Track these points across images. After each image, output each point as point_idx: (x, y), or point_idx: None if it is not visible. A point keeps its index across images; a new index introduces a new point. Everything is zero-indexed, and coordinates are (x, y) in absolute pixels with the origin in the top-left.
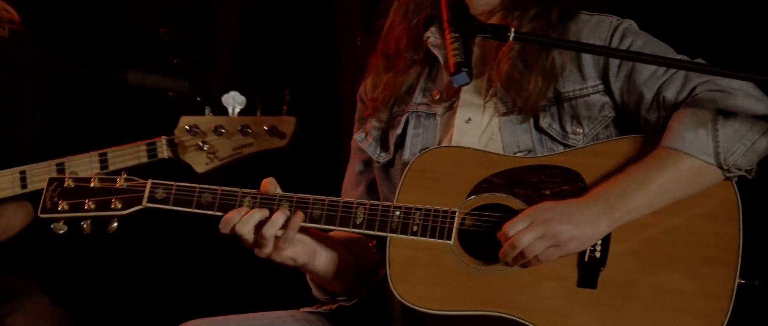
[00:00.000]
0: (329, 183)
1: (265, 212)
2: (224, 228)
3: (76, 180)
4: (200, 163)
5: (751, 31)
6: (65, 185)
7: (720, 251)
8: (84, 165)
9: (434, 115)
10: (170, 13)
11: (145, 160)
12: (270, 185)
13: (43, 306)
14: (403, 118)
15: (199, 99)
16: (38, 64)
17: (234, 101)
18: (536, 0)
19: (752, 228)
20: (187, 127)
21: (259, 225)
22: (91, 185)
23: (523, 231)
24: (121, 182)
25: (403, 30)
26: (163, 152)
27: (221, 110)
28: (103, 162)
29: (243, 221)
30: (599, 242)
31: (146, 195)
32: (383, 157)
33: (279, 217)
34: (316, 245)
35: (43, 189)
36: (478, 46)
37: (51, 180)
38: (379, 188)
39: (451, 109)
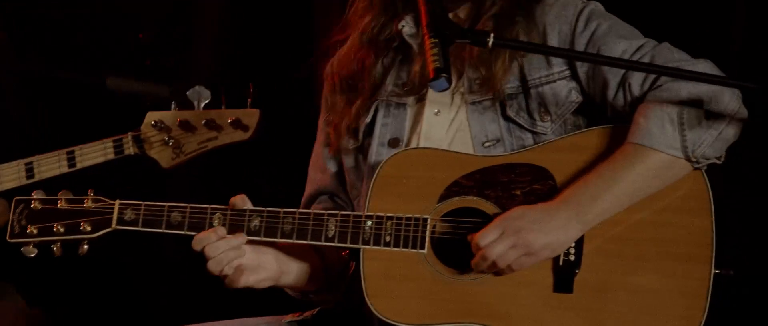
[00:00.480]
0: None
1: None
2: (196, 246)
3: (43, 201)
4: (166, 159)
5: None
6: (32, 207)
7: (694, 247)
8: (52, 164)
9: (404, 105)
10: (150, 18)
11: (111, 156)
12: (239, 200)
13: (19, 307)
14: (373, 106)
15: (173, 103)
16: (15, 68)
17: (199, 95)
18: None
19: (724, 216)
20: (153, 123)
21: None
22: (59, 206)
23: (495, 241)
24: (88, 203)
25: (367, 49)
26: (130, 148)
27: (187, 105)
28: (71, 160)
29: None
30: (573, 245)
31: (115, 217)
32: (351, 144)
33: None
34: (282, 265)
35: (12, 188)
36: None
37: (17, 202)
38: (345, 174)
39: (422, 100)
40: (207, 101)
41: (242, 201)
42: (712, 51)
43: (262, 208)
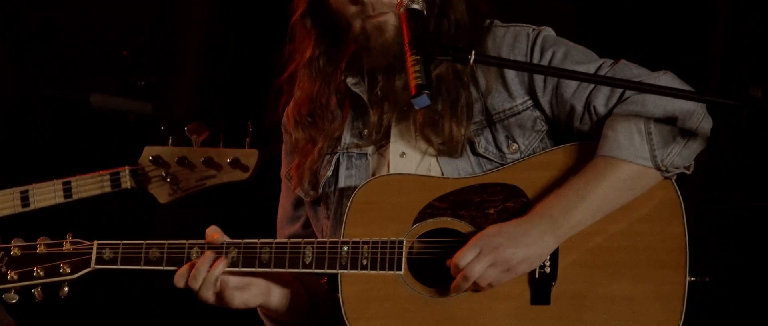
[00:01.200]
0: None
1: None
2: (179, 283)
3: (23, 248)
4: (163, 194)
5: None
6: (12, 254)
7: (667, 253)
8: (48, 193)
9: (365, 154)
10: (133, 35)
11: (108, 189)
12: (216, 233)
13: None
14: (334, 159)
15: (162, 128)
16: (3, 87)
17: (197, 131)
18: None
19: (699, 223)
20: (151, 158)
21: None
22: (38, 251)
23: (474, 261)
24: (67, 246)
25: (319, 84)
26: (127, 182)
27: (184, 140)
28: (67, 190)
29: (192, 276)
30: (548, 258)
31: (93, 257)
32: (311, 195)
33: (202, 266)
34: (269, 285)
35: (6, 215)
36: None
37: None
38: (312, 224)
39: (383, 147)
40: (205, 137)
41: (219, 234)
42: (692, 64)
43: (239, 240)
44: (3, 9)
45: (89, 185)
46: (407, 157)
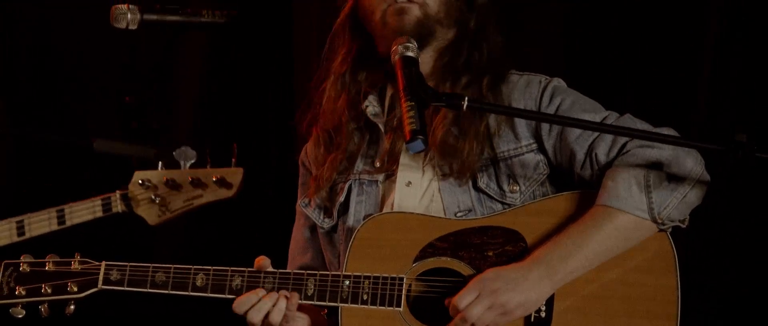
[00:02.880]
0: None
1: (273, 298)
2: (238, 309)
3: (31, 264)
4: (153, 216)
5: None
6: (21, 270)
7: (659, 304)
8: (43, 222)
9: (376, 181)
10: (135, 82)
11: (100, 214)
12: (261, 260)
13: None
14: (346, 186)
15: (154, 153)
16: (15, 132)
17: (185, 156)
18: (467, 67)
19: (690, 275)
20: (140, 181)
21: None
22: (47, 269)
23: (473, 304)
24: (75, 265)
25: (343, 103)
26: (117, 206)
27: (173, 165)
28: (61, 218)
29: (256, 308)
30: (543, 304)
31: (101, 277)
32: (327, 223)
33: (281, 302)
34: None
35: (3, 245)
36: None
37: (6, 266)
38: (324, 252)
39: (392, 174)
40: (192, 161)
41: (261, 260)
42: (676, 115)
43: (244, 269)
44: (7, 58)
45: (82, 211)
46: (412, 187)
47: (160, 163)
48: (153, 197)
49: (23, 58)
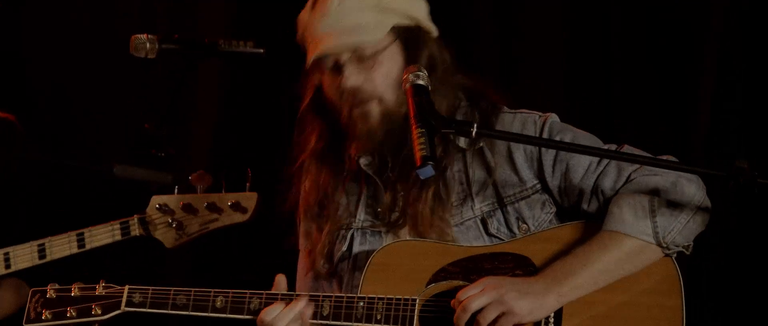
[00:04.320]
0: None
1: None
2: (267, 317)
3: (58, 290)
4: (170, 239)
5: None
6: (48, 296)
7: (665, 324)
8: (63, 245)
9: (379, 232)
10: (154, 111)
11: (118, 237)
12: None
13: None
14: (349, 235)
15: (170, 178)
16: (29, 157)
17: (201, 180)
18: (459, 109)
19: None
20: (158, 206)
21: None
22: (72, 294)
23: (475, 295)
24: (99, 289)
25: (326, 175)
26: (136, 230)
27: (190, 189)
28: (80, 241)
29: (281, 316)
30: (552, 318)
31: (124, 300)
32: (325, 268)
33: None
34: None
35: (25, 268)
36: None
37: (34, 292)
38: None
39: (396, 225)
40: (208, 185)
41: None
42: (677, 138)
43: (262, 291)
44: (31, 86)
45: (101, 235)
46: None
47: (176, 187)
48: (170, 221)
49: (46, 87)
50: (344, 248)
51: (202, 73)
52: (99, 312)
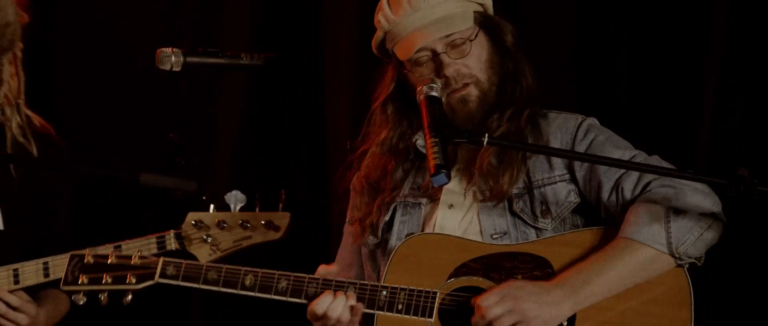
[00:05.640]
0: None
1: (350, 300)
2: (319, 308)
3: (95, 256)
4: (204, 254)
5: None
6: (85, 261)
7: None
8: None
9: (420, 204)
10: (178, 120)
11: (154, 251)
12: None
13: None
14: (391, 207)
15: (204, 198)
16: (68, 168)
17: (235, 199)
18: (511, 102)
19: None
20: (193, 222)
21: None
22: (109, 261)
23: (494, 304)
24: (135, 259)
25: (387, 158)
26: (171, 244)
27: (224, 206)
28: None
29: (332, 306)
30: (565, 323)
31: (158, 271)
32: (371, 241)
33: (349, 301)
34: None
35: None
36: (461, 146)
37: (72, 256)
38: (364, 267)
39: (435, 199)
40: (242, 204)
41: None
42: (679, 146)
43: (290, 273)
44: (63, 99)
45: (138, 247)
46: (454, 209)
47: (211, 205)
48: (205, 237)
49: (78, 99)
50: (387, 218)
51: (225, 84)
52: (133, 281)
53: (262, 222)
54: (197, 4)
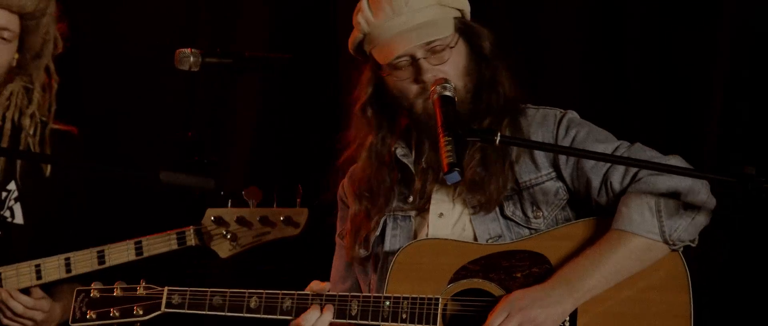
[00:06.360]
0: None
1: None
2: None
3: (101, 290)
4: (224, 250)
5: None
6: (92, 296)
7: (673, 318)
8: (121, 252)
9: (409, 216)
10: (197, 119)
11: (175, 247)
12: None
13: None
14: (381, 221)
15: (222, 193)
16: (88, 166)
17: (254, 195)
18: (488, 110)
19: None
20: (213, 218)
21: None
22: (115, 294)
23: (504, 322)
24: (140, 290)
25: (373, 166)
26: (191, 240)
27: (242, 203)
28: (139, 249)
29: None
30: (567, 318)
31: (164, 301)
32: (362, 254)
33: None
34: None
35: (86, 272)
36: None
37: (78, 292)
38: (359, 281)
39: (424, 210)
40: (260, 200)
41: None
42: (687, 144)
43: (294, 292)
44: (85, 99)
45: (158, 243)
46: (444, 218)
47: (229, 201)
48: (225, 233)
49: (101, 99)
50: (377, 233)
51: (242, 84)
52: (140, 312)
53: (281, 218)
54: (214, 6)
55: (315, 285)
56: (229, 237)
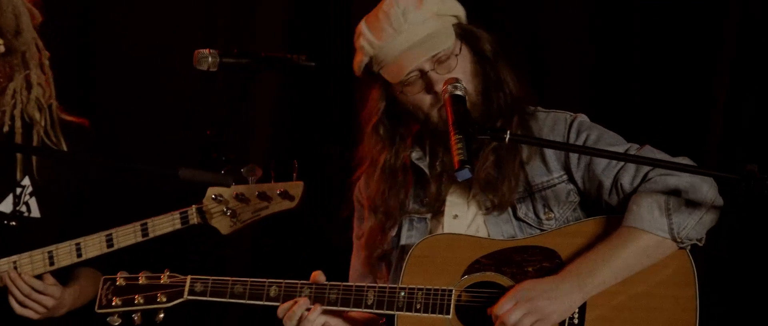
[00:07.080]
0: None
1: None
2: (279, 313)
3: (126, 278)
4: (225, 226)
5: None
6: (117, 284)
7: (680, 312)
8: (129, 235)
9: (425, 219)
10: (215, 118)
11: (179, 226)
12: (318, 275)
13: None
14: (398, 223)
15: (223, 172)
16: (108, 163)
17: (252, 172)
18: (498, 112)
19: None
20: (213, 196)
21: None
22: (139, 282)
23: (511, 309)
24: (164, 278)
25: (391, 180)
26: (194, 219)
27: (241, 180)
28: (144, 230)
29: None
30: (576, 311)
31: (187, 289)
32: (378, 253)
33: (298, 309)
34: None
35: (96, 257)
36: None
37: (105, 280)
38: (375, 279)
39: (439, 212)
40: (259, 177)
41: (317, 275)
42: (690, 143)
43: (312, 282)
44: (106, 99)
45: (163, 224)
46: (459, 219)
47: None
48: (225, 210)
49: (120, 98)
50: (393, 234)
51: (260, 84)
52: (164, 299)
53: (278, 192)
54: (231, 6)
55: (318, 276)
56: (229, 213)
